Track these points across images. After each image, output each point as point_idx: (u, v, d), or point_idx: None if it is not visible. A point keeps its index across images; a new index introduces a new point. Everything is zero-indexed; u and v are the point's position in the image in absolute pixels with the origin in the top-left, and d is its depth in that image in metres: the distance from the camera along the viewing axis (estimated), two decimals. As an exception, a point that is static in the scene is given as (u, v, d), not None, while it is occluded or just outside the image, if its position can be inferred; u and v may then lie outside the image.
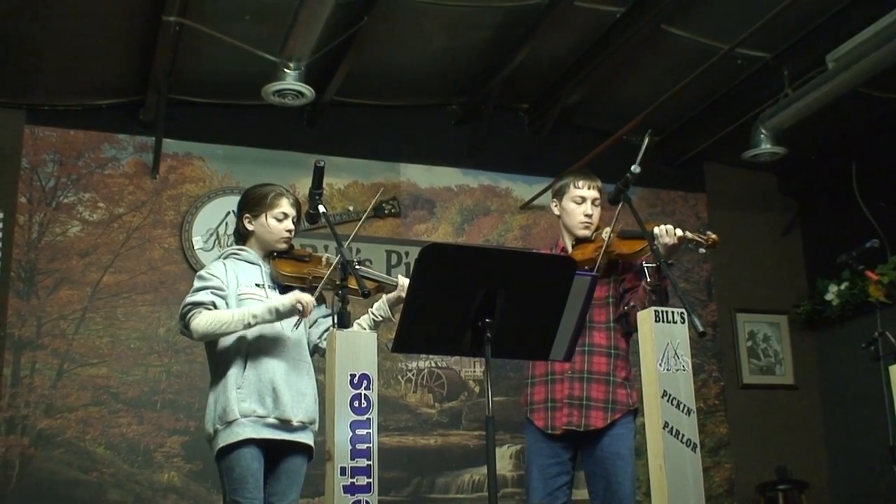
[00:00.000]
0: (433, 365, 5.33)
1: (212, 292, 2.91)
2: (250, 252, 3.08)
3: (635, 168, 2.93)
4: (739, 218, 6.16)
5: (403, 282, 3.05)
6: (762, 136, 5.23)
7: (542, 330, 2.53)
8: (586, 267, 3.17)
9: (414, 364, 5.29)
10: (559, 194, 3.37)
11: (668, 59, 4.99)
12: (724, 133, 5.60)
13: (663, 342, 2.67)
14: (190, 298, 2.91)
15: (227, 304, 2.94)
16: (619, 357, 3.23)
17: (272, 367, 2.92)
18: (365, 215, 3.15)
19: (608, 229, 3.21)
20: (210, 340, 2.92)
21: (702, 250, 3.03)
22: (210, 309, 2.88)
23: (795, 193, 6.34)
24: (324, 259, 3.10)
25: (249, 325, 2.86)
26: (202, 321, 2.84)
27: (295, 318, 2.88)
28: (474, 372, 5.39)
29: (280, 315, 2.87)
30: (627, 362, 3.23)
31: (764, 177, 6.27)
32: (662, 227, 3.04)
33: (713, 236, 3.01)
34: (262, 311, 2.85)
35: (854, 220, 5.75)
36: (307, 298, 2.85)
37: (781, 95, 5.06)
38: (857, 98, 5.02)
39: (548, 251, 3.44)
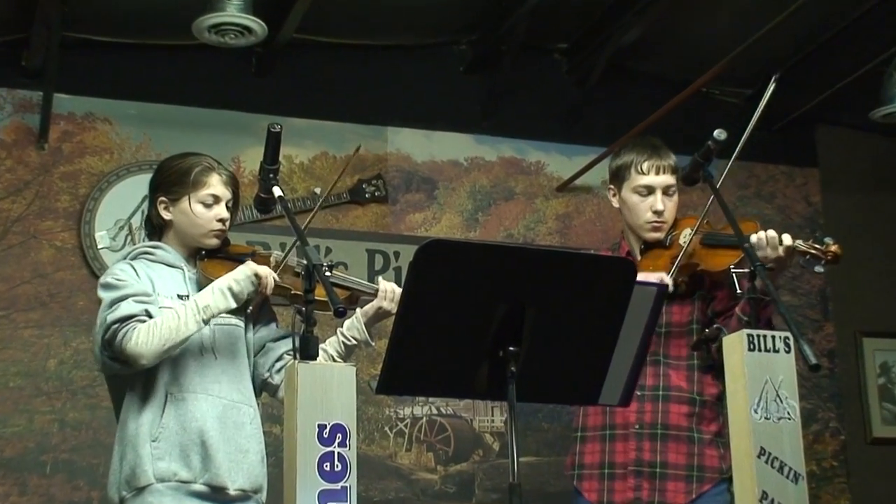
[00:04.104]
0: (434, 411, 5.32)
1: (135, 300, 2.92)
2: (168, 250, 3.08)
3: (720, 134, 2.93)
4: (866, 203, 6.15)
5: (387, 289, 3.06)
6: (898, 87, 5.21)
7: (588, 362, 2.53)
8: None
9: (408, 410, 5.29)
10: (617, 179, 3.38)
11: (764, -21, 4.98)
12: (843, 84, 5.59)
13: (760, 379, 2.66)
14: (112, 316, 2.89)
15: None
16: (705, 405, 3.25)
17: (201, 412, 2.93)
18: (322, 197, 3.14)
19: (689, 231, 3.21)
20: (151, 365, 2.91)
21: (818, 269, 3.02)
22: (144, 320, 2.88)
23: (945, 168, 6.33)
24: (272, 259, 3.10)
25: (205, 322, 2.89)
26: (144, 337, 2.84)
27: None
28: (492, 422, 5.39)
29: (236, 296, 2.89)
30: (719, 413, 3.24)
31: (900, 145, 6.27)
32: (762, 233, 3.03)
33: (833, 247, 3.01)
34: (212, 297, 2.88)
35: None
36: (265, 270, 2.88)
37: (925, 30, 5.04)
38: None
39: (607, 253, 3.43)
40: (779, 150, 6.02)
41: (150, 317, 2.89)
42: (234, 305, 2.92)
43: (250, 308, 3.08)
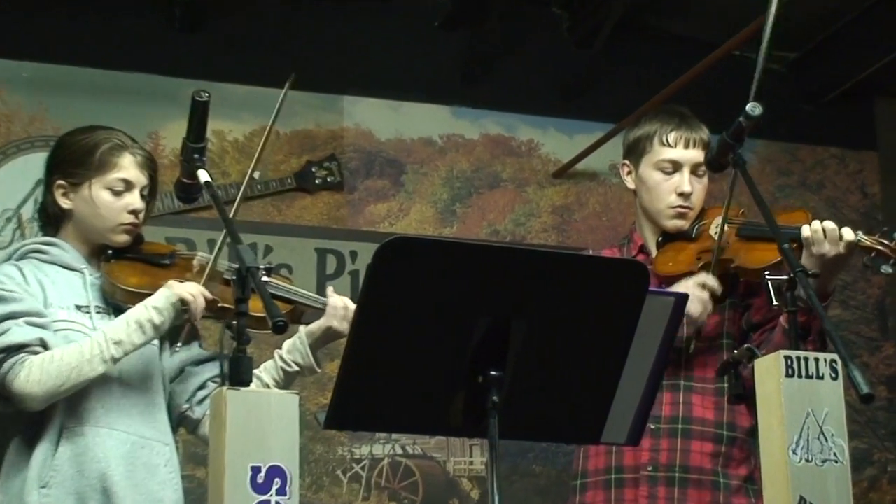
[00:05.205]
0: (399, 451, 5.32)
1: (27, 322, 2.90)
2: (66, 248, 3.08)
3: (753, 108, 2.94)
4: (935, 195, 6.19)
5: (338, 304, 3.07)
6: (976, 52, 5.25)
7: (588, 391, 2.53)
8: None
9: (366, 449, 5.29)
10: (634, 153, 3.39)
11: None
12: (908, 47, 5.62)
13: (800, 412, 2.67)
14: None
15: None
16: (735, 443, 3.26)
17: (104, 451, 2.92)
18: (248, 176, 3.12)
19: (720, 219, 3.22)
20: (41, 407, 2.91)
21: (885, 269, 3.03)
22: (38, 352, 2.87)
23: None
24: (196, 262, 3.11)
25: (114, 360, 2.87)
26: (37, 374, 2.83)
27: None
28: (471, 464, 5.39)
29: (157, 328, 2.89)
30: (752, 452, 3.25)
31: (978, 123, 6.31)
32: (817, 224, 3.04)
33: None
34: (126, 330, 2.87)
35: None
36: (191, 290, 2.88)
37: None
38: None
39: (613, 252, 3.44)
40: (829, 129, 6.04)
41: (45, 347, 2.88)
42: (153, 341, 2.93)
43: (179, 344, 3.06)
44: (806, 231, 3.04)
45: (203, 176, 2.90)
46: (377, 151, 5.57)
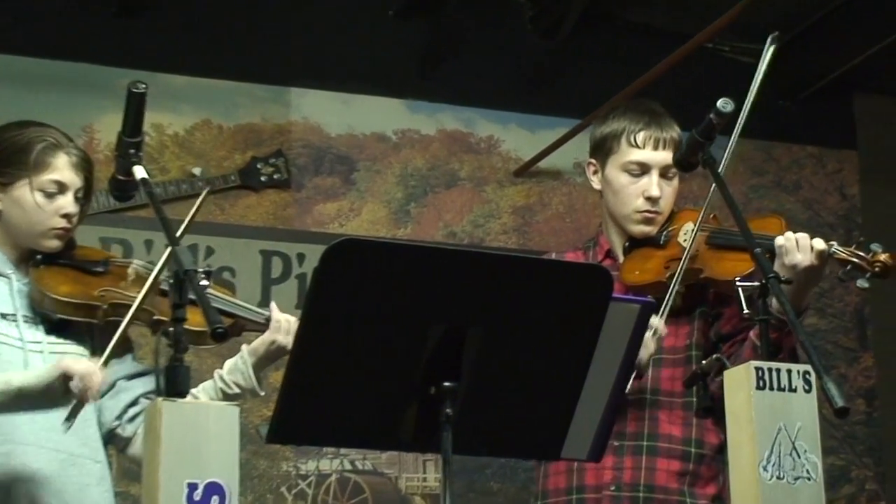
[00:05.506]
0: (347, 466, 5.32)
1: None
2: (-7, 252, 3.08)
3: (725, 104, 2.95)
4: (918, 197, 6.22)
5: (281, 319, 3.06)
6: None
7: (548, 404, 2.54)
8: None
9: (312, 465, 5.28)
10: (601, 152, 3.38)
11: None
12: (892, 39, 5.64)
13: (772, 427, 2.68)
14: None
15: None
16: (703, 461, 3.27)
17: (31, 470, 2.92)
18: (205, 191, 3.11)
19: (690, 226, 3.23)
20: None
21: (861, 283, 3.05)
22: None
23: None
24: (131, 270, 3.10)
25: None
26: None
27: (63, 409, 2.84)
28: (424, 480, 5.39)
29: (31, 401, 2.83)
30: (721, 470, 3.26)
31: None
32: (790, 235, 3.05)
33: (882, 256, 3.04)
34: None
35: None
36: (82, 369, 2.78)
37: None
38: None
39: (578, 256, 3.45)
40: (806, 127, 6.08)
41: None
42: (25, 410, 2.85)
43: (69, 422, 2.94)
44: (778, 240, 3.04)
45: (140, 172, 2.87)
46: (327, 147, 5.56)
